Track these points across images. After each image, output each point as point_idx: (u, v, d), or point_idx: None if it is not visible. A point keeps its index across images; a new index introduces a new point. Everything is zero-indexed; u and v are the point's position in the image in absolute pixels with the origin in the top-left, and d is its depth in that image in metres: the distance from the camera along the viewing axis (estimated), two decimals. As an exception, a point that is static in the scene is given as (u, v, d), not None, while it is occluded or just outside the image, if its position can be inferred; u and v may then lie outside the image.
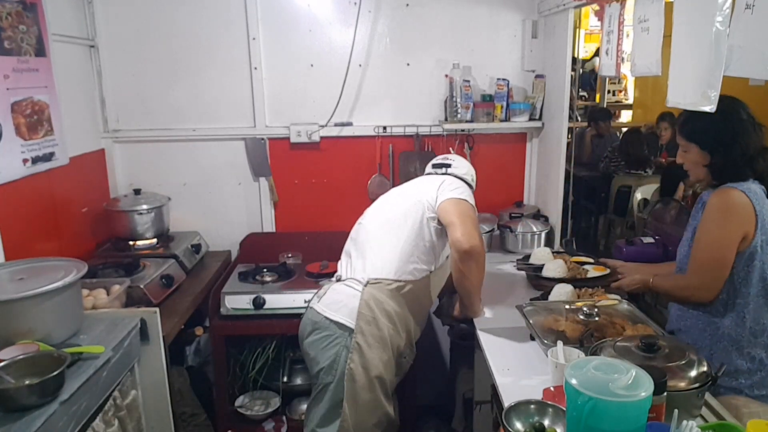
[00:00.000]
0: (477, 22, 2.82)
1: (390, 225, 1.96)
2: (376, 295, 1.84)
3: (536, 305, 1.85)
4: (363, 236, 2.00)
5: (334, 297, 1.88)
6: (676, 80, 1.44)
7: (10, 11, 2.03)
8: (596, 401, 1.01)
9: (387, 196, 2.11)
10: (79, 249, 2.46)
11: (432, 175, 2.14)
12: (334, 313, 1.84)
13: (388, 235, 1.94)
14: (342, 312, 1.83)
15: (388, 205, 2.05)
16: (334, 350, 1.81)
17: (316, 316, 1.87)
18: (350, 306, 1.83)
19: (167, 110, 2.82)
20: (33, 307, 1.56)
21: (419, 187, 2.04)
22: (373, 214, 2.06)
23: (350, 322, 1.81)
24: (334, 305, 1.86)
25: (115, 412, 1.66)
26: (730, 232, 1.62)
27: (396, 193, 2.11)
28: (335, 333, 1.82)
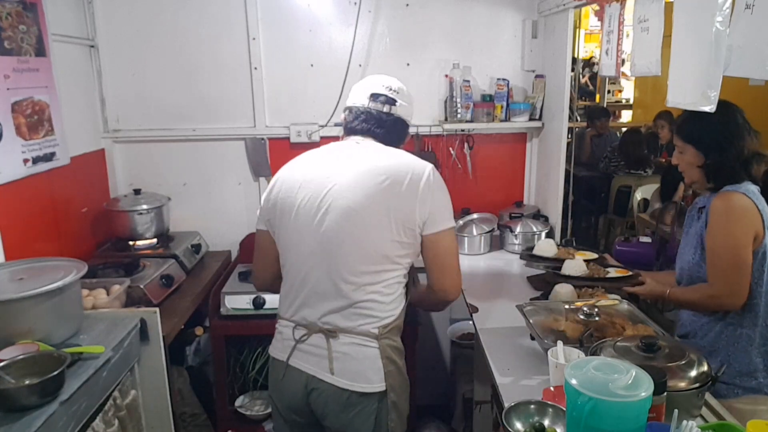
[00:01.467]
0: (477, 22, 2.82)
1: (376, 260, 1.52)
2: (390, 343, 1.58)
3: (536, 305, 1.85)
4: (343, 274, 1.52)
5: (352, 366, 1.54)
6: (676, 80, 1.44)
7: (10, 11, 2.03)
8: (596, 401, 1.01)
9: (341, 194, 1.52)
10: (79, 249, 2.46)
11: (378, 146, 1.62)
12: (364, 385, 1.54)
13: (378, 274, 1.53)
14: (371, 380, 1.55)
15: (357, 225, 1.51)
16: (373, 417, 1.57)
17: (344, 393, 1.54)
18: (374, 368, 1.55)
19: (167, 110, 2.82)
20: (33, 307, 1.56)
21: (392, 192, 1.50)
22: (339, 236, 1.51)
23: (381, 386, 1.55)
24: (359, 376, 1.54)
25: (115, 412, 1.66)
26: (742, 234, 1.63)
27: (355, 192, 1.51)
28: (370, 402, 1.56)
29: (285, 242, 1.60)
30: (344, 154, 1.60)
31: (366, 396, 1.55)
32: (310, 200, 1.54)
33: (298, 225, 1.55)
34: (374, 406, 1.56)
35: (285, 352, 1.60)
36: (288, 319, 1.61)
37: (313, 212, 1.53)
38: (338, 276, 1.52)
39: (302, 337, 1.57)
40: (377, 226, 1.50)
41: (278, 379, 1.62)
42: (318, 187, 1.55)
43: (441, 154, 2.93)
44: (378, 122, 1.62)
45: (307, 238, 1.54)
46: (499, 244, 2.74)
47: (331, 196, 1.52)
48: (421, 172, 1.52)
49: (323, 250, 1.53)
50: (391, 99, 1.63)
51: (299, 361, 1.58)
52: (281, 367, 1.61)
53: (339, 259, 1.51)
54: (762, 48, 1.15)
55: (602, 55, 2.16)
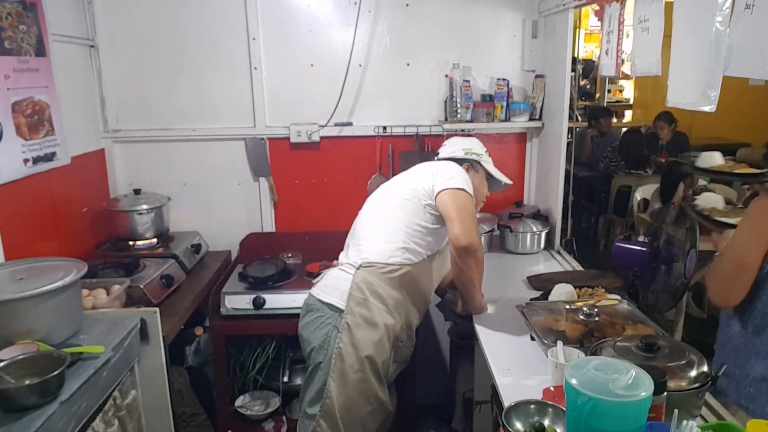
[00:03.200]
0: (477, 22, 2.82)
1: (385, 212, 1.99)
2: (367, 278, 1.88)
3: (536, 305, 1.86)
4: (359, 226, 2.04)
5: (328, 281, 1.95)
6: (676, 80, 1.44)
7: (10, 11, 2.03)
8: (596, 401, 1.01)
9: (384, 188, 2.12)
10: (79, 249, 2.46)
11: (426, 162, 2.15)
12: (326, 295, 1.90)
13: (383, 222, 1.97)
14: (334, 294, 1.89)
15: (384, 197, 2.07)
16: (325, 330, 1.86)
17: (311, 299, 1.95)
18: (342, 288, 1.88)
19: (167, 110, 2.82)
20: (33, 307, 1.56)
21: (414, 175, 2.05)
22: (371, 205, 2.09)
23: (341, 303, 1.86)
24: (327, 288, 1.92)
25: (115, 412, 1.66)
26: (759, 240, 1.48)
27: (392, 183, 2.12)
28: (326, 314, 1.88)
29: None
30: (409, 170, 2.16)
31: (324, 306, 1.89)
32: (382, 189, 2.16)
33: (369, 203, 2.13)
34: (329, 320, 1.86)
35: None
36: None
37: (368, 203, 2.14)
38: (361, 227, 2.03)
39: (327, 270, 2.04)
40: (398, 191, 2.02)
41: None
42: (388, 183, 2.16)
43: (441, 154, 2.93)
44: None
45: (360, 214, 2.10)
46: (499, 244, 2.74)
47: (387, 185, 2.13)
48: (438, 164, 2.04)
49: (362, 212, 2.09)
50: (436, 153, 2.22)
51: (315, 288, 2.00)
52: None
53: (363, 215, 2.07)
54: (762, 48, 1.15)
55: (602, 55, 2.16)
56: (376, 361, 1.85)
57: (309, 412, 1.88)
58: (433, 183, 1.94)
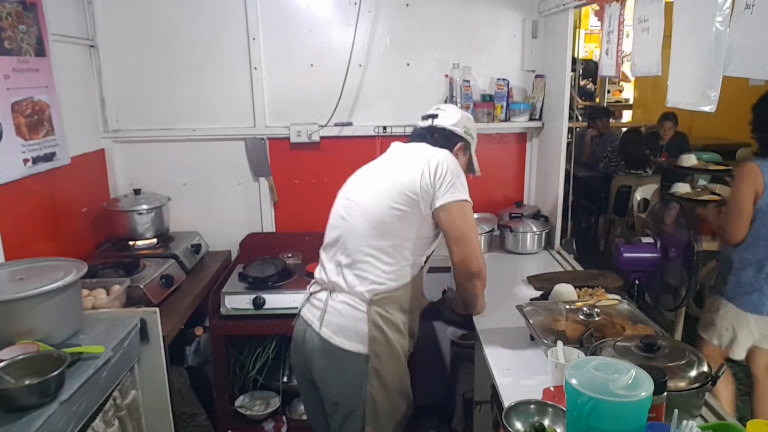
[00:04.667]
0: (477, 22, 2.82)
1: (384, 227, 1.71)
2: (382, 313, 1.70)
3: (536, 305, 1.85)
4: (353, 240, 1.74)
5: (338, 321, 1.70)
6: (676, 80, 1.44)
7: (10, 11, 2.03)
8: (596, 401, 1.01)
9: (368, 188, 1.79)
10: (79, 249, 2.46)
11: (416, 144, 1.90)
12: (345, 341, 1.69)
13: (384, 242, 1.71)
14: (353, 339, 1.69)
15: (375, 204, 1.74)
16: (352, 378, 1.71)
17: (325, 344, 1.71)
18: (359, 331, 1.69)
19: (167, 110, 2.82)
20: (33, 307, 1.56)
21: (406, 173, 1.73)
22: (360, 214, 1.76)
23: (363, 349, 1.69)
24: (342, 332, 1.70)
25: (115, 412, 1.66)
26: (744, 190, 2.28)
27: (380, 176, 1.80)
28: (350, 362, 1.70)
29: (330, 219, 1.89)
30: (390, 154, 1.95)
31: (347, 354, 1.70)
32: (353, 181, 1.91)
33: (338, 208, 1.87)
34: (355, 367, 1.71)
35: (301, 303, 1.88)
36: (315, 278, 1.87)
37: (351, 190, 1.87)
38: (348, 239, 1.76)
39: (314, 292, 1.83)
40: (386, 195, 1.73)
41: (293, 327, 1.89)
42: (364, 172, 1.91)
43: (441, 154, 2.93)
44: (421, 133, 1.94)
45: (341, 216, 1.82)
46: (499, 244, 2.74)
47: (362, 180, 1.87)
48: (433, 152, 1.79)
49: (347, 214, 1.79)
50: (434, 114, 1.95)
51: (306, 312, 1.83)
52: (297, 317, 1.88)
53: (353, 226, 1.76)
54: (762, 48, 1.15)
55: (602, 55, 2.16)
56: (404, 389, 1.80)
57: None
58: (434, 192, 1.69)
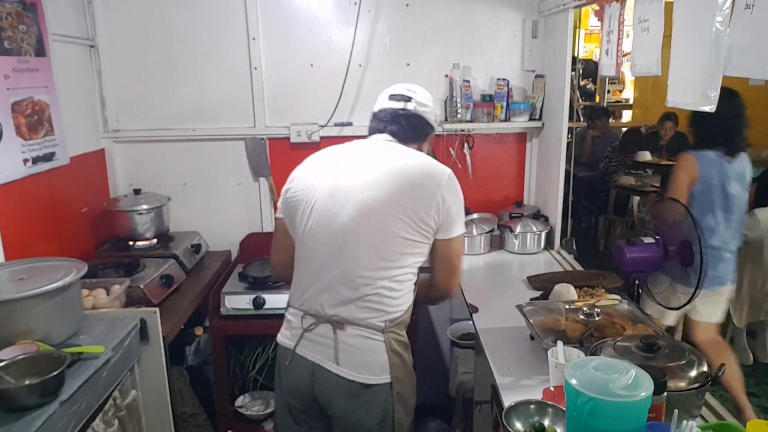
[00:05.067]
0: (477, 22, 2.82)
1: (393, 257, 1.57)
2: (396, 337, 1.62)
3: (536, 305, 1.85)
4: (358, 271, 1.56)
5: (358, 357, 1.58)
6: (676, 80, 1.44)
7: (10, 11, 2.03)
8: (596, 401, 1.01)
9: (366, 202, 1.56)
10: (79, 249, 2.46)
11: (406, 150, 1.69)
12: (369, 376, 1.58)
13: (393, 270, 1.58)
14: (376, 373, 1.59)
15: (379, 227, 1.55)
16: (380, 409, 1.61)
17: (349, 384, 1.58)
18: (380, 361, 1.59)
19: (167, 110, 2.82)
20: (33, 307, 1.56)
21: (421, 201, 1.56)
22: (362, 237, 1.56)
23: (386, 378, 1.60)
24: (365, 368, 1.58)
25: (115, 412, 1.66)
26: (680, 177, 2.56)
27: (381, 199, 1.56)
28: (377, 395, 1.60)
29: (301, 235, 1.64)
30: (365, 152, 1.68)
31: (371, 387, 1.58)
32: (327, 195, 1.59)
33: (315, 219, 1.60)
34: (380, 398, 1.59)
35: (293, 339, 1.64)
36: (297, 307, 1.65)
37: (330, 207, 1.58)
38: (350, 269, 1.56)
39: (310, 326, 1.60)
40: (391, 222, 1.54)
41: (285, 365, 1.66)
42: (336, 183, 1.60)
43: (441, 154, 2.93)
44: (393, 118, 1.72)
45: (323, 231, 1.59)
46: (499, 244, 2.74)
47: (349, 192, 1.57)
48: (440, 176, 1.60)
49: (338, 244, 1.57)
50: (406, 97, 1.74)
51: (306, 350, 1.61)
52: (288, 354, 1.65)
53: (352, 253, 1.55)
54: (762, 48, 1.15)
55: (602, 55, 2.16)
56: (415, 403, 1.75)
57: None
58: (441, 222, 1.58)
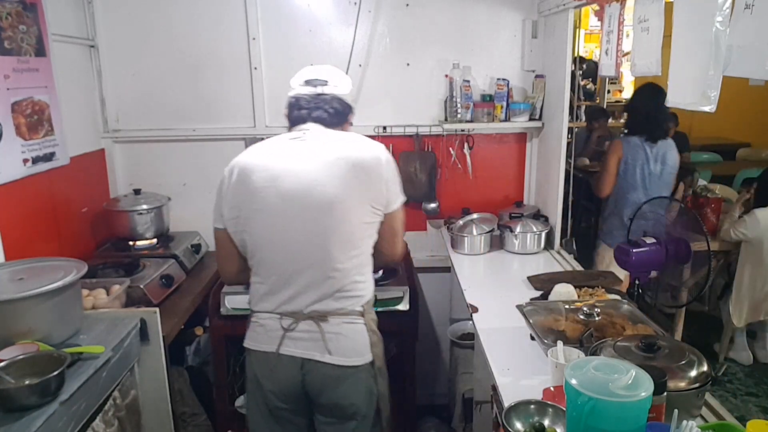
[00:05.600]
0: (477, 22, 2.82)
1: (359, 244, 1.63)
2: (371, 317, 1.72)
3: (536, 305, 1.85)
4: (333, 266, 1.60)
5: (345, 344, 1.64)
6: (676, 80, 1.44)
7: (10, 11, 2.03)
8: (596, 401, 1.01)
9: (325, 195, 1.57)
10: (79, 249, 2.46)
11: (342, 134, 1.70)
12: (356, 358, 1.65)
13: (360, 257, 1.65)
14: (361, 353, 1.67)
15: (343, 216, 1.59)
16: (364, 386, 1.68)
17: (340, 370, 1.63)
18: (363, 342, 1.67)
19: (167, 110, 2.82)
20: (33, 307, 1.56)
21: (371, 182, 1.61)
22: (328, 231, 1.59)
23: (369, 357, 1.68)
24: (353, 351, 1.65)
25: (115, 412, 1.66)
26: (611, 158, 3.06)
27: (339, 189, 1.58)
28: (362, 374, 1.68)
29: (260, 240, 1.63)
30: (304, 146, 1.64)
31: (358, 368, 1.65)
32: (285, 197, 1.58)
33: (277, 222, 1.59)
34: (364, 376, 1.67)
35: (273, 342, 1.64)
36: (271, 312, 1.65)
37: (293, 209, 1.58)
38: (327, 266, 1.59)
39: (290, 326, 1.62)
40: (354, 213, 1.59)
41: (269, 369, 1.66)
42: (290, 183, 1.58)
43: (441, 154, 2.93)
44: (316, 104, 1.70)
45: (291, 234, 1.59)
46: (499, 244, 2.74)
47: (308, 191, 1.57)
48: (379, 155, 1.63)
49: (311, 244, 1.58)
50: (322, 81, 1.71)
51: (291, 349, 1.63)
52: (271, 358, 1.65)
53: (326, 251, 1.58)
54: (762, 48, 1.15)
55: (602, 55, 2.16)
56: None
57: None
58: (388, 200, 1.64)
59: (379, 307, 2.38)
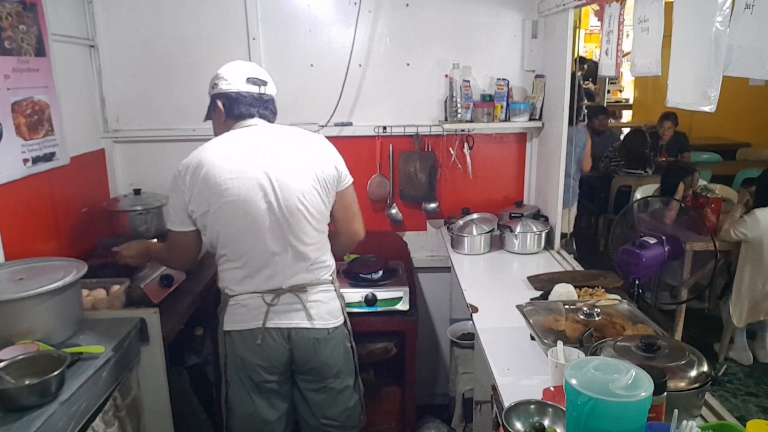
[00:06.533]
0: (477, 22, 2.82)
1: (323, 221, 1.85)
2: (337, 284, 1.94)
3: (536, 305, 1.85)
4: (304, 244, 1.79)
5: (324, 309, 1.86)
6: (676, 80, 1.44)
7: (10, 11, 2.03)
8: (596, 401, 1.01)
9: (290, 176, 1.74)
10: (79, 249, 2.46)
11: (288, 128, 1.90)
12: (334, 320, 1.88)
13: (324, 232, 1.87)
14: (337, 315, 1.90)
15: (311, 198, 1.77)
16: (341, 346, 1.91)
17: (323, 332, 1.85)
18: (336, 306, 1.91)
19: (167, 110, 2.82)
20: (33, 307, 1.56)
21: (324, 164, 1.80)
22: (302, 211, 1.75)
23: (341, 319, 1.92)
24: (330, 314, 1.87)
25: (115, 412, 1.66)
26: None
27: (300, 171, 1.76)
28: (340, 333, 1.91)
29: (234, 229, 1.73)
30: (259, 140, 1.78)
31: (336, 329, 1.88)
32: (254, 189, 1.70)
33: (249, 210, 1.71)
34: (341, 336, 1.90)
35: (258, 319, 1.78)
36: (251, 292, 1.79)
37: (264, 199, 1.71)
38: (300, 244, 1.77)
39: (273, 300, 1.78)
40: (316, 195, 1.77)
41: (255, 345, 1.79)
42: (255, 175, 1.71)
43: (441, 154, 2.93)
44: (260, 103, 1.84)
45: (264, 221, 1.72)
46: (499, 244, 2.74)
47: (275, 181, 1.71)
48: (323, 141, 1.88)
49: (283, 228, 1.74)
50: (263, 81, 1.85)
51: (276, 321, 1.79)
52: (257, 333, 1.79)
53: (298, 232, 1.76)
54: (762, 48, 1.15)
55: (602, 55, 2.16)
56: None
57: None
58: (339, 177, 1.84)
59: (379, 307, 2.39)
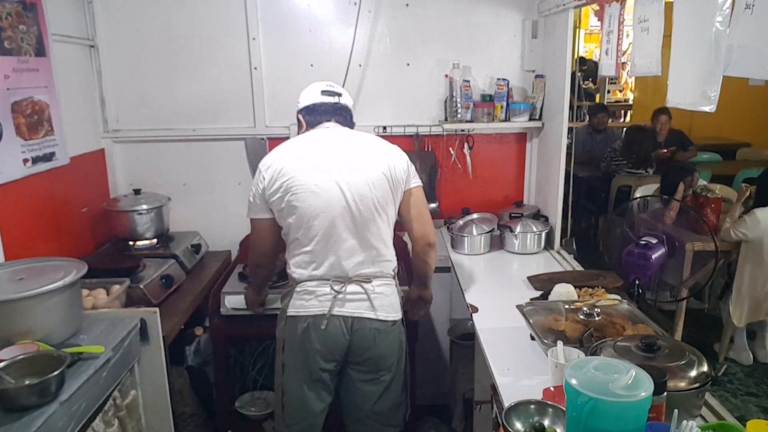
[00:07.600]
0: (477, 22, 2.82)
1: (390, 218, 1.91)
2: (397, 281, 2.01)
3: (536, 305, 1.86)
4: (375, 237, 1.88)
5: (387, 301, 1.93)
6: (676, 80, 1.44)
7: (10, 11, 2.03)
8: (596, 401, 1.01)
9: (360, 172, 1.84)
10: (79, 249, 2.46)
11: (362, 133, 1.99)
12: (395, 314, 1.94)
13: (382, 225, 1.89)
14: (397, 310, 1.96)
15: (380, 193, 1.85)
16: (397, 340, 1.96)
17: (385, 324, 1.92)
18: (397, 301, 1.97)
19: (167, 110, 2.82)
20: (33, 307, 1.56)
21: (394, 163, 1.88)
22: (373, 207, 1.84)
23: (400, 314, 1.97)
24: (392, 307, 1.93)
25: (115, 412, 1.66)
26: None
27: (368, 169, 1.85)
28: (396, 328, 1.95)
29: (308, 216, 1.83)
30: (333, 136, 1.91)
31: (395, 323, 1.94)
32: (327, 177, 1.81)
33: (322, 200, 1.81)
34: (397, 331, 1.96)
35: (323, 305, 1.86)
36: (320, 278, 1.87)
37: (337, 187, 1.81)
38: (368, 233, 1.85)
39: (341, 289, 1.85)
40: (386, 187, 1.85)
41: (319, 330, 1.85)
42: (328, 168, 1.82)
43: (441, 154, 2.93)
44: (335, 110, 1.96)
45: (336, 208, 1.81)
46: (499, 244, 2.74)
47: (348, 171, 1.82)
48: (394, 147, 1.95)
49: (354, 215, 1.82)
50: (337, 92, 1.99)
51: (342, 309, 1.86)
52: (321, 320, 1.85)
53: (367, 220, 1.84)
54: (762, 48, 1.15)
55: (602, 55, 2.16)
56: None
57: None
58: (408, 175, 1.92)
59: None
